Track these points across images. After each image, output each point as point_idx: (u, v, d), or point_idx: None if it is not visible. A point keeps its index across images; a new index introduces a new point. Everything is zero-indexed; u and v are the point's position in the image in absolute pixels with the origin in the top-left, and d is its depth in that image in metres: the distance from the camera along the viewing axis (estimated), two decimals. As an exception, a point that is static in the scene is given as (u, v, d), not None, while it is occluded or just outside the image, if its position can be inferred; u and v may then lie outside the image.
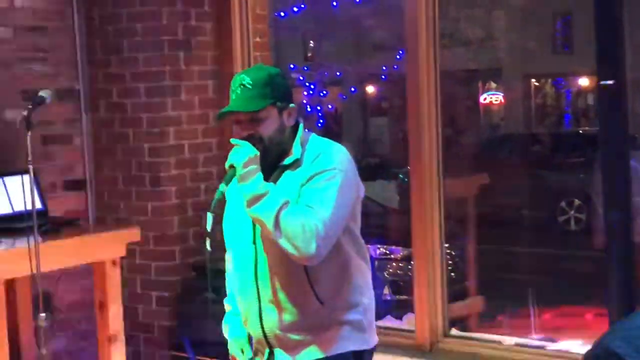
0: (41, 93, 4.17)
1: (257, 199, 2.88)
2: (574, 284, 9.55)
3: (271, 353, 3.09)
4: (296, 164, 3.00)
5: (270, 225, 2.86)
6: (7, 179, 4.85)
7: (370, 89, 22.50)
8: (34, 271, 3.92)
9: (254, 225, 3.02)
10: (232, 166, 2.94)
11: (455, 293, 7.43)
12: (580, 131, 19.33)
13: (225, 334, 3.25)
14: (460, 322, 6.57)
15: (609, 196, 4.32)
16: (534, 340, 5.72)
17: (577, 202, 13.90)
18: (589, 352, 2.32)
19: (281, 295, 3.00)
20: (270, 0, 5.92)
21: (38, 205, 4.64)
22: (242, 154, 2.92)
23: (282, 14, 13.55)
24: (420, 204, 4.84)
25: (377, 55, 18.84)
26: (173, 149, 5.39)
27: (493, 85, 24.37)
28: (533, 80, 24.27)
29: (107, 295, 4.70)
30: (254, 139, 2.98)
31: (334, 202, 2.91)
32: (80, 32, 5.46)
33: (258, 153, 2.93)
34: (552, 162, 14.78)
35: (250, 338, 3.15)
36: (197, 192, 5.48)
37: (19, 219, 4.53)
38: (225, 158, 3.00)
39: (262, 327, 3.06)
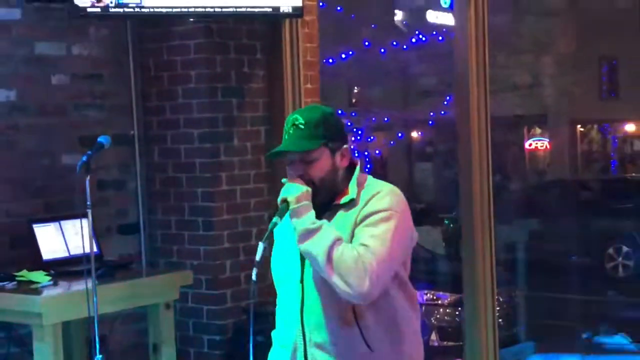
0: (100, 139, 4.26)
1: (309, 233, 2.86)
2: (621, 331, 9.44)
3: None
4: (351, 204, 2.97)
5: (322, 260, 2.83)
6: (64, 223, 4.94)
7: (414, 134, 22.50)
8: (90, 314, 3.99)
9: (303, 264, 2.98)
10: (284, 200, 2.92)
11: (506, 339, 7.38)
12: (628, 177, 19.17)
13: None
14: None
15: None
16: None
17: (625, 248, 13.76)
18: None
19: (329, 338, 2.95)
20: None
21: (94, 249, 4.73)
22: (295, 189, 2.91)
23: (331, 60, 13.64)
24: (471, 250, 4.85)
25: (424, 101, 18.88)
26: (225, 194, 5.44)
27: (538, 130, 24.28)
28: (579, 126, 24.14)
29: (161, 337, 4.76)
30: (304, 181, 2.95)
31: (389, 243, 2.87)
32: (136, 79, 5.54)
33: (310, 189, 2.92)
34: (599, 209, 14.65)
35: None
36: (248, 236, 5.52)
37: (75, 262, 4.62)
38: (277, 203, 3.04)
39: (309, 369, 3.01)
